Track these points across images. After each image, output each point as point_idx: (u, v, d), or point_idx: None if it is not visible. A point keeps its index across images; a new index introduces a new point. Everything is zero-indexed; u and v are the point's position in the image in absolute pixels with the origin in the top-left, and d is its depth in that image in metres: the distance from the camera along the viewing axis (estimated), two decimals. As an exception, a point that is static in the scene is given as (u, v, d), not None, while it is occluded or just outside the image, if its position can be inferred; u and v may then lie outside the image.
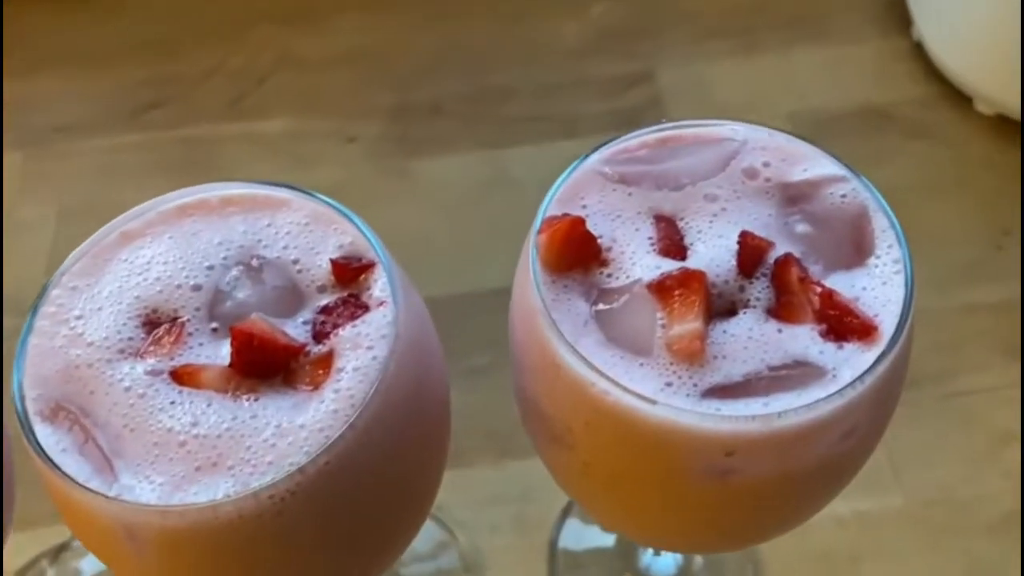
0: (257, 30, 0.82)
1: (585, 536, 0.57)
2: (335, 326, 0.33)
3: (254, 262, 0.35)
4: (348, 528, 0.33)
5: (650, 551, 0.55)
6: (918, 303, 0.34)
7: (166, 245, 0.35)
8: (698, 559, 0.56)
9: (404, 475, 0.35)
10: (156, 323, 0.34)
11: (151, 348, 0.33)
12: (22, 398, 0.32)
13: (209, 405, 0.32)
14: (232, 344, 0.32)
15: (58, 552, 0.56)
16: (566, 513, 0.57)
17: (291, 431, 0.31)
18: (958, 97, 0.81)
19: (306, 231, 0.36)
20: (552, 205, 0.35)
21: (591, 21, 0.84)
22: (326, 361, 0.33)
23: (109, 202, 0.61)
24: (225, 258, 0.35)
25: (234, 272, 0.35)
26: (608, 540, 0.57)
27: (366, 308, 0.34)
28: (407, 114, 0.77)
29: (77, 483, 0.30)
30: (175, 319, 0.34)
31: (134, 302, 0.34)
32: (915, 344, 0.36)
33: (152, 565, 0.31)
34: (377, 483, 0.33)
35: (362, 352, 0.32)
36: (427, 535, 0.57)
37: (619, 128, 0.38)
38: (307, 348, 0.33)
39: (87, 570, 0.57)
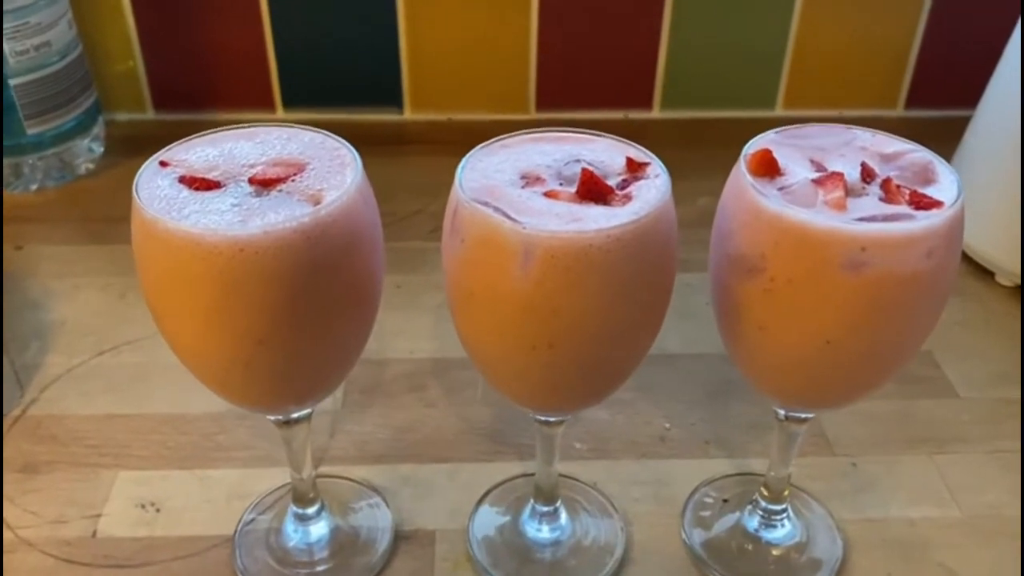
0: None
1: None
2: (635, 181, 0.59)
3: (578, 159, 0.61)
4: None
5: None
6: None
7: (527, 150, 0.62)
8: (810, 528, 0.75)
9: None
10: (530, 178, 0.60)
11: (532, 187, 0.59)
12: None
13: (567, 206, 0.57)
14: (580, 179, 0.58)
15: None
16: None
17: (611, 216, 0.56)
18: (982, 271, 1.08)
19: (605, 152, 0.62)
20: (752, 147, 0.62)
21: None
22: (627, 197, 0.58)
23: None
24: (560, 157, 0.62)
25: (569, 161, 0.61)
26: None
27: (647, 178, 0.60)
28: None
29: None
30: (538, 178, 0.60)
31: (516, 170, 0.60)
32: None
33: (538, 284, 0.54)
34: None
35: (648, 194, 0.58)
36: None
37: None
38: (616, 192, 0.58)
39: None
